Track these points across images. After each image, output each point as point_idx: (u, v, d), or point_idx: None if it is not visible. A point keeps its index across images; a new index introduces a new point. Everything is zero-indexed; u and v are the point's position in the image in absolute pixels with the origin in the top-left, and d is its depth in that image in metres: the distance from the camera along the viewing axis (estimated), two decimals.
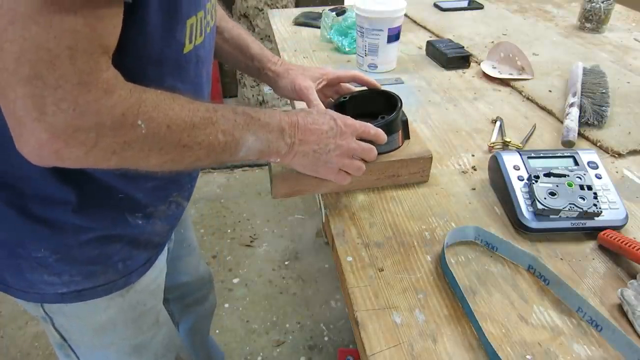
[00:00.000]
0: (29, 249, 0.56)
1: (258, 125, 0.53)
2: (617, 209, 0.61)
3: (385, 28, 0.99)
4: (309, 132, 0.56)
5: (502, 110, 0.91)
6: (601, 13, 1.27)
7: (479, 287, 0.54)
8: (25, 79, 0.36)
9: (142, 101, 0.43)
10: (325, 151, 0.58)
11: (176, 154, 0.47)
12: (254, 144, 0.53)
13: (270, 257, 1.87)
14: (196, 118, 0.47)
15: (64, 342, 0.67)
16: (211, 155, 0.50)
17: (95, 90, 0.39)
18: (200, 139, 0.47)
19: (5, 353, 1.50)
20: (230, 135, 0.50)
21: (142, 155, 0.45)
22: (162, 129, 0.44)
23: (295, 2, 2.73)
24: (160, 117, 0.44)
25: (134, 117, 0.42)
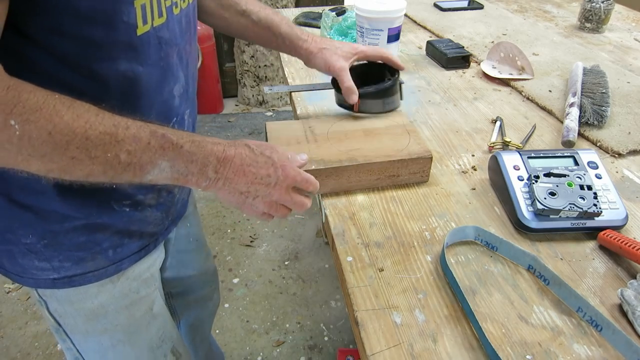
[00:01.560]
0: (18, 235, 0.57)
1: (177, 153, 0.50)
2: (617, 209, 0.61)
3: (385, 28, 0.99)
4: (241, 174, 0.54)
5: (502, 110, 0.91)
6: (601, 13, 1.27)
7: (479, 287, 0.54)
8: None
9: (20, 101, 0.41)
10: (253, 195, 0.56)
11: (64, 164, 0.44)
12: (165, 170, 0.50)
13: (270, 257, 1.87)
14: (92, 131, 0.44)
15: (58, 326, 0.68)
16: (108, 173, 0.47)
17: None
18: (93, 154, 0.45)
19: (5, 353, 1.50)
20: (136, 157, 0.47)
21: (20, 159, 0.43)
22: (42, 135, 0.42)
23: (295, 2, 2.73)
24: (41, 122, 0.42)
25: (6, 115, 0.40)
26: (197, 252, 0.94)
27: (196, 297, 1.00)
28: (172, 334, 0.80)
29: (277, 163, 0.56)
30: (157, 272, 0.74)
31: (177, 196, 0.70)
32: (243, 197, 0.56)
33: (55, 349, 1.52)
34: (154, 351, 0.75)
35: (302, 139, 0.72)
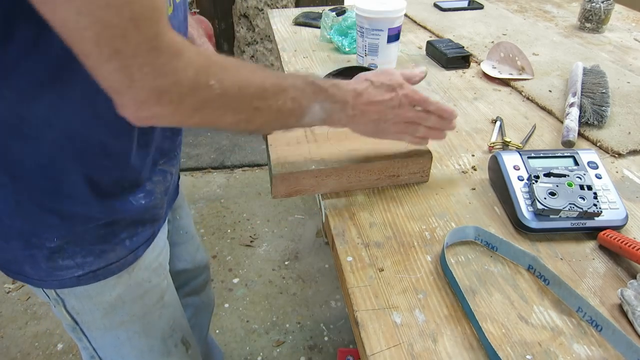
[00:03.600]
0: (42, 239, 0.58)
1: (325, 96, 0.57)
2: (617, 209, 0.61)
3: (385, 28, 0.99)
4: (371, 104, 0.60)
5: (502, 110, 0.91)
6: (601, 13, 1.27)
7: (479, 287, 0.54)
8: (108, 56, 0.40)
9: (211, 63, 0.47)
10: (383, 120, 0.62)
11: (249, 115, 0.51)
12: (318, 112, 0.57)
13: (270, 257, 1.87)
14: (267, 84, 0.51)
15: (75, 325, 0.69)
16: (280, 119, 0.55)
17: (165, 54, 0.42)
18: (270, 103, 0.52)
19: (5, 353, 1.50)
20: (298, 102, 0.54)
21: (219, 114, 0.49)
22: (233, 90, 0.48)
23: (295, 2, 2.73)
24: (231, 79, 0.48)
25: (206, 76, 0.46)
26: (188, 244, 0.96)
27: (190, 290, 1.01)
28: (181, 323, 0.81)
29: (396, 87, 0.62)
30: (166, 262, 0.76)
31: (173, 176, 0.73)
32: (375, 124, 0.62)
33: (55, 349, 1.52)
34: (165, 341, 0.77)
35: (302, 139, 0.72)
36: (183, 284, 0.98)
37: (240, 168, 2.39)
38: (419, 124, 0.64)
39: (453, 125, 0.66)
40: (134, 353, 0.74)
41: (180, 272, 0.95)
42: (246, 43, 2.81)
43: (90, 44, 0.39)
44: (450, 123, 0.66)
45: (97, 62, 0.41)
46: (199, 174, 2.35)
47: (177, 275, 0.94)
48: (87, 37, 0.39)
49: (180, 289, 0.97)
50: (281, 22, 1.39)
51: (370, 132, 0.63)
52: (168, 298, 0.76)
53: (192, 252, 0.98)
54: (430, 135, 0.66)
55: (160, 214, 0.71)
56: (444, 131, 0.67)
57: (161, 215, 0.71)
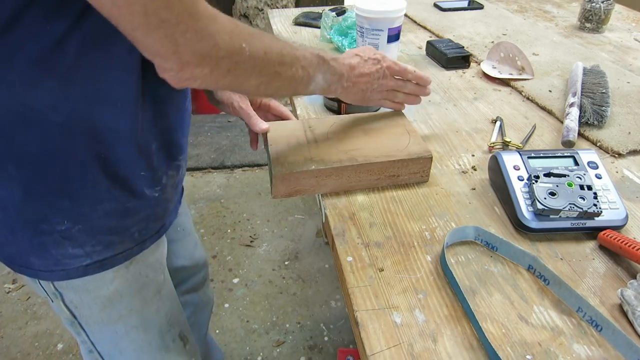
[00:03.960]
0: (53, 224, 0.59)
1: (327, 67, 0.64)
2: (617, 209, 0.61)
3: (385, 28, 0.99)
4: (362, 76, 0.69)
5: (502, 110, 0.91)
6: (601, 13, 1.27)
7: (479, 287, 0.54)
8: (156, 25, 0.44)
9: (241, 29, 0.51)
10: (370, 89, 0.71)
11: (269, 79, 0.56)
12: (320, 82, 0.63)
13: (270, 257, 1.87)
14: (285, 51, 0.57)
15: (74, 319, 0.70)
16: (292, 85, 0.60)
17: (203, 19, 0.47)
18: (286, 69, 0.57)
19: (5, 353, 1.50)
20: (306, 71, 0.60)
21: (246, 75, 0.54)
22: (260, 53, 0.53)
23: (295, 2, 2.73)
24: (258, 44, 0.53)
25: (239, 40, 0.50)
26: (185, 241, 0.96)
27: (188, 288, 1.01)
28: (179, 318, 0.82)
29: (380, 60, 0.71)
30: (163, 258, 0.76)
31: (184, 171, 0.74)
32: (363, 93, 0.71)
33: (55, 349, 1.52)
34: (163, 336, 0.78)
35: (302, 139, 0.72)
36: (181, 281, 0.99)
37: (240, 168, 2.39)
38: (398, 90, 0.75)
39: (428, 91, 0.77)
40: (132, 347, 0.75)
41: (179, 269, 0.95)
42: None
43: (139, 17, 0.43)
44: (425, 89, 0.76)
45: (144, 33, 0.45)
46: (199, 174, 2.35)
47: (176, 272, 0.94)
48: (136, 11, 0.43)
49: (179, 286, 0.97)
50: (281, 22, 1.39)
51: (357, 100, 0.72)
52: (165, 292, 0.77)
53: (190, 249, 0.99)
54: (407, 101, 0.77)
55: (171, 208, 0.72)
56: (419, 97, 0.77)
57: (171, 209, 0.73)
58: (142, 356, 0.76)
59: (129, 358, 0.75)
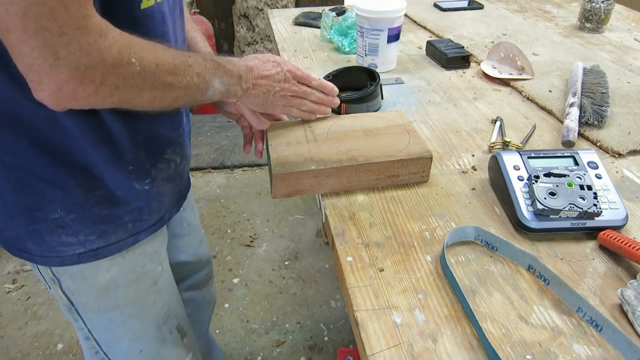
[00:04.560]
0: (46, 212, 0.60)
1: (223, 71, 0.62)
2: (617, 209, 0.61)
3: (385, 28, 0.99)
4: (261, 78, 0.66)
5: (502, 110, 0.91)
6: (601, 13, 1.27)
7: (479, 287, 0.54)
8: (34, 32, 0.41)
9: (132, 43, 0.49)
10: (272, 93, 0.68)
11: (163, 91, 0.54)
12: (218, 86, 0.61)
13: (270, 257, 1.87)
14: (177, 60, 0.55)
15: (71, 305, 0.71)
16: (188, 94, 0.58)
17: (92, 33, 0.45)
18: (180, 78, 0.55)
19: (5, 353, 1.50)
20: (202, 78, 0.59)
21: (137, 90, 0.52)
22: (152, 67, 0.51)
23: (295, 2, 2.73)
24: (149, 57, 0.51)
25: (128, 55, 0.48)
26: (190, 236, 0.96)
27: (191, 284, 1.01)
28: (177, 311, 0.83)
29: (281, 63, 0.69)
30: (162, 249, 0.77)
31: (180, 166, 0.74)
32: (265, 97, 0.68)
33: (55, 349, 1.52)
34: (160, 327, 0.79)
35: (302, 139, 0.72)
36: (184, 277, 0.99)
37: (240, 168, 2.39)
38: (304, 98, 0.72)
39: (335, 102, 0.75)
40: (128, 336, 0.76)
41: (181, 264, 0.95)
42: (246, 43, 2.81)
43: (16, 19, 0.40)
44: (333, 99, 0.75)
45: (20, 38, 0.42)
46: (199, 174, 2.35)
47: (178, 267, 0.94)
48: (13, 12, 0.40)
49: (182, 282, 0.98)
50: (281, 22, 1.39)
51: (261, 105, 0.69)
52: (163, 284, 0.78)
53: (195, 245, 0.99)
54: (315, 110, 0.74)
55: (168, 202, 0.73)
56: (328, 106, 0.75)
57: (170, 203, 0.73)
58: (138, 345, 0.77)
59: (125, 346, 0.77)
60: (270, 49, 2.83)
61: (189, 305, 1.02)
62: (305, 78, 0.71)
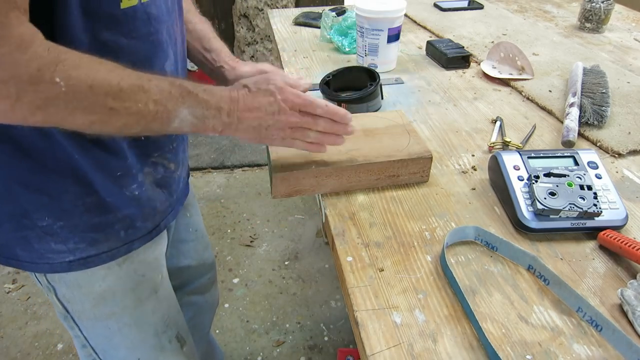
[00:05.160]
0: (34, 219, 0.59)
1: (194, 101, 0.54)
2: (617, 209, 0.61)
3: (385, 28, 0.99)
4: (248, 111, 0.58)
5: (502, 110, 0.91)
6: (601, 13, 1.27)
7: (479, 287, 0.54)
8: None
9: (61, 60, 0.44)
10: (265, 126, 0.59)
11: (103, 116, 0.48)
12: (187, 117, 0.54)
13: (270, 257, 1.87)
14: (124, 83, 0.48)
15: (67, 313, 0.70)
16: (141, 123, 0.51)
17: (8, 45, 0.41)
18: (128, 105, 0.49)
19: (5, 353, 1.50)
20: (162, 105, 0.51)
21: (66, 113, 0.46)
22: (82, 88, 0.46)
23: (295, 2, 2.73)
24: (82, 77, 0.46)
25: (51, 73, 0.44)
26: (196, 242, 0.96)
27: (194, 289, 1.00)
28: (177, 320, 0.81)
29: (275, 91, 0.59)
30: (162, 257, 0.76)
31: (174, 172, 0.72)
32: (257, 131, 0.59)
33: (55, 349, 1.52)
34: (159, 336, 0.77)
35: None
36: (188, 282, 0.98)
37: (240, 168, 2.39)
38: (307, 128, 0.61)
39: (350, 130, 0.62)
40: (126, 344, 0.75)
41: (185, 268, 0.94)
42: (246, 43, 2.81)
43: None
44: (346, 127, 0.62)
45: None
46: (199, 174, 2.35)
47: (181, 271, 0.93)
48: None
49: (185, 286, 0.97)
50: (281, 22, 1.39)
51: (253, 139, 0.61)
52: (162, 293, 0.77)
53: (200, 251, 0.98)
54: (324, 141, 0.63)
55: (163, 209, 0.71)
56: (340, 136, 0.63)
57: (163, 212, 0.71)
58: (135, 353, 0.76)
59: (123, 354, 0.76)
60: (270, 49, 2.83)
61: (191, 309, 1.01)
62: (307, 106, 0.60)
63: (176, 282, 0.93)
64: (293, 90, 0.60)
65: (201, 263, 0.99)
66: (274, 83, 0.59)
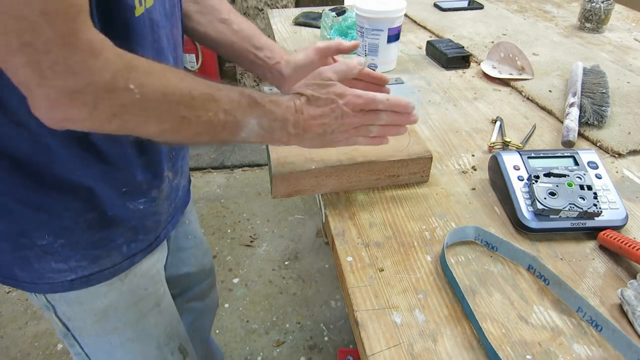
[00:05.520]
0: (33, 238, 0.56)
1: (262, 111, 0.54)
2: (617, 209, 0.61)
3: (385, 28, 0.99)
4: (312, 119, 0.57)
5: (502, 110, 0.91)
6: (601, 13, 1.27)
7: (479, 287, 0.54)
8: (17, 49, 0.38)
9: (133, 67, 0.44)
10: (329, 132, 0.59)
11: (175, 124, 0.48)
12: (254, 128, 0.54)
13: (270, 257, 1.87)
14: (196, 92, 0.48)
15: (67, 331, 0.68)
16: (210, 132, 0.51)
17: (80, 52, 0.40)
18: (199, 113, 0.49)
19: (5, 353, 1.50)
20: (231, 115, 0.51)
21: (140, 120, 0.46)
22: (156, 95, 0.45)
23: (295, 2, 2.73)
24: (155, 84, 0.45)
25: (125, 80, 0.43)
26: (195, 248, 0.95)
27: (194, 295, 1.00)
28: (179, 331, 0.80)
29: (336, 98, 0.58)
30: (162, 269, 0.75)
31: (173, 181, 0.70)
32: (321, 137, 0.59)
33: (55, 349, 1.52)
34: (161, 349, 0.76)
35: None
36: (188, 289, 0.97)
37: (240, 168, 2.39)
38: (370, 124, 0.61)
39: (413, 118, 0.62)
40: (128, 359, 0.73)
41: (183, 276, 0.93)
42: None
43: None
44: (410, 116, 0.62)
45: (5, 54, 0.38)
46: (199, 174, 2.35)
47: (180, 279, 0.92)
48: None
49: (184, 294, 0.96)
50: (281, 22, 1.39)
51: (317, 145, 0.61)
52: (165, 305, 0.75)
53: (200, 257, 0.97)
54: (387, 133, 0.63)
55: (164, 220, 0.69)
56: (403, 126, 0.63)
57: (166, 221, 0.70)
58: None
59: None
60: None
61: (191, 315, 1.00)
62: (369, 104, 0.59)
63: (176, 291, 0.93)
64: (353, 91, 0.59)
65: (201, 269, 0.98)
66: (332, 90, 0.59)
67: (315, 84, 0.59)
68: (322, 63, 0.76)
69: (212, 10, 0.74)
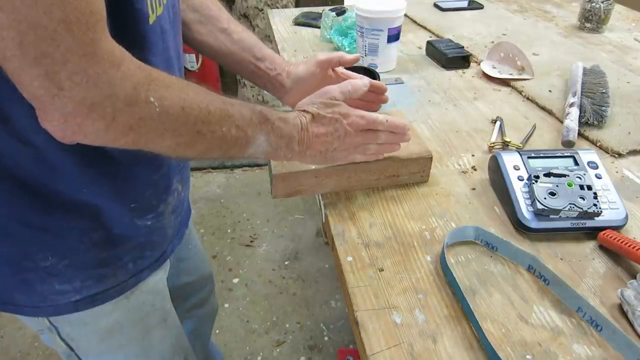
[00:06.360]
0: (36, 260, 0.54)
1: (270, 128, 0.54)
2: (617, 209, 0.61)
3: (385, 28, 0.99)
4: (316, 137, 0.59)
5: (502, 110, 0.91)
6: (601, 13, 1.27)
7: (479, 287, 0.54)
8: (34, 60, 0.36)
9: (153, 79, 0.43)
10: (331, 150, 0.61)
11: (189, 139, 0.47)
12: (263, 144, 0.54)
13: (270, 257, 1.87)
14: (212, 107, 0.48)
15: (71, 351, 0.66)
16: (222, 147, 0.51)
17: (102, 62, 0.39)
18: (214, 128, 0.48)
19: (5, 353, 1.50)
20: (243, 131, 0.51)
21: (157, 134, 0.45)
22: (176, 109, 0.45)
23: (295, 2, 2.73)
24: (174, 98, 0.44)
25: (145, 92, 0.42)
26: (195, 258, 0.94)
27: (194, 303, 0.99)
28: (183, 344, 0.79)
29: (340, 118, 0.60)
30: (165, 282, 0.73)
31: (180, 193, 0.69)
32: (322, 154, 0.61)
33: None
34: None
35: None
36: (187, 298, 0.96)
37: (240, 168, 2.39)
38: (368, 143, 0.63)
39: (407, 138, 0.66)
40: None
41: (183, 285, 0.92)
42: None
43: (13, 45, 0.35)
44: (404, 136, 0.65)
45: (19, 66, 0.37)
46: (199, 174, 2.35)
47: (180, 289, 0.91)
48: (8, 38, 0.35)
49: (184, 302, 0.95)
50: (281, 22, 1.39)
51: (318, 162, 0.63)
52: (171, 320, 0.74)
53: (199, 265, 0.96)
54: (382, 150, 0.66)
55: (171, 234, 0.68)
56: (397, 144, 0.66)
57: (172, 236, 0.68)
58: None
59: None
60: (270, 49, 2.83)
61: (192, 322, 1.00)
62: (370, 124, 0.62)
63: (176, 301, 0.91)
64: (357, 111, 0.62)
65: (200, 277, 0.97)
66: (338, 110, 0.60)
67: (321, 102, 0.60)
68: (323, 75, 0.77)
69: (212, 20, 0.73)
